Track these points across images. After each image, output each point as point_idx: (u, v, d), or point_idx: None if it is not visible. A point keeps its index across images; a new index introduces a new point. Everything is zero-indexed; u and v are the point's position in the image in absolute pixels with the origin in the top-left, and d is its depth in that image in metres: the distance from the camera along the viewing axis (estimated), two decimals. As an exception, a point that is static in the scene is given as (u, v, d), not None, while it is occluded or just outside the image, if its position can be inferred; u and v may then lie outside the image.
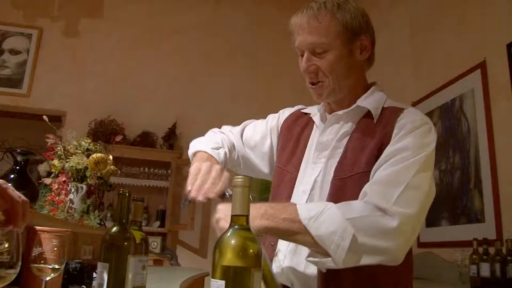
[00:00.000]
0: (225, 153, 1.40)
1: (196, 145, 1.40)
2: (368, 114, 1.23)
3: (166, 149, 4.82)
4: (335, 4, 1.21)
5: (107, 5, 5.19)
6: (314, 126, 1.37)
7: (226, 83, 5.20)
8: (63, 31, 5.00)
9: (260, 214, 1.05)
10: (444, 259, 3.10)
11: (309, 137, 1.35)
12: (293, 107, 1.51)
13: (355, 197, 1.11)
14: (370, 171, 1.14)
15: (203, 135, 1.49)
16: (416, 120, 1.15)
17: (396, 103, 1.25)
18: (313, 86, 1.26)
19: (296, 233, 1.04)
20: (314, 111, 1.40)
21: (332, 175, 1.20)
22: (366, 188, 1.09)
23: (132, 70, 5.05)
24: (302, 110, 1.46)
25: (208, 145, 1.39)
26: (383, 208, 1.02)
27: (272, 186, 1.39)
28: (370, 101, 1.24)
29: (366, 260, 1.01)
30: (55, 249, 1.01)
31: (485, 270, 2.46)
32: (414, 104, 3.69)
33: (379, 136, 1.16)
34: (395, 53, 4.14)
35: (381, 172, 1.10)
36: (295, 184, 1.30)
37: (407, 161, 1.08)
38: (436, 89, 3.49)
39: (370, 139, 1.17)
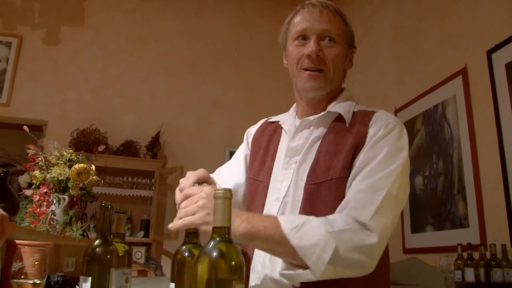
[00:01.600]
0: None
1: None
2: (339, 118, 1.24)
3: (149, 158, 4.78)
4: (344, 14, 1.31)
5: (88, 13, 5.14)
6: (283, 132, 1.36)
7: (209, 91, 5.18)
8: (43, 39, 4.93)
9: (241, 220, 1.03)
10: (429, 265, 3.11)
11: (278, 144, 1.35)
12: (269, 117, 1.51)
13: (329, 202, 1.11)
14: (346, 177, 1.13)
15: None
16: (390, 123, 1.17)
17: (366, 107, 1.28)
18: (311, 72, 1.25)
19: (276, 242, 1.02)
20: (283, 119, 1.41)
21: (304, 180, 1.19)
22: (347, 199, 1.08)
23: (114, 78, 5.00)
24: (269, 120, 1.47)
25: None
26: (363, 223, 1.03)
27: (246, 198, 1.37)
28: (340, 106, 1.27)
29: (343, 273, 1.01)
30: (36, 263, 0.99)
31: (469, 275, 2.47)
32: (398, 111, 3.73)
33: (354, 139, 1.17)
34: (378, 60, 4.18)
35: (359, 183, 1.10)
36: (267, 192, 1.28)
37: (384, 171, 1.09)
38: (419, 95, 3.52)
39: (344, 143, 1.18)
